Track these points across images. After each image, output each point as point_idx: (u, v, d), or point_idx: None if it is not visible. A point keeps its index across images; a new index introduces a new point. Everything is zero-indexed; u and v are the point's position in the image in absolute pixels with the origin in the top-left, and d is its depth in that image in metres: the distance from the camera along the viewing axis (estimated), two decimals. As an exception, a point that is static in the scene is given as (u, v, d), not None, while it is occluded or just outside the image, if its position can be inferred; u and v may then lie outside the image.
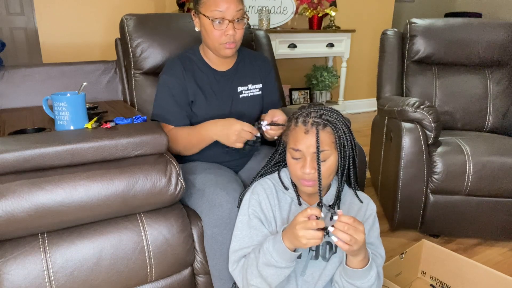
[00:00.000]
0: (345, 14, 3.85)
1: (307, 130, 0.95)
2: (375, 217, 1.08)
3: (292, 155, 0.98)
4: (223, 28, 1.24)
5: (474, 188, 1.68)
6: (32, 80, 1.59)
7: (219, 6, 1.21)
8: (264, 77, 1.45)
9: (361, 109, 4.33)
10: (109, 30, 2.93)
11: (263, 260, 0.92)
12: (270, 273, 0.92)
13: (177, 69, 1.33)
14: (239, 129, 1.15)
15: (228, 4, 1.21)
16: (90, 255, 1.04)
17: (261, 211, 1.03)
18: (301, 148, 0.95)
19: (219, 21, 1.23)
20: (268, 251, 0.91)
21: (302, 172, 0.95)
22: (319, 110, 0.97)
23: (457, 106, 2.12)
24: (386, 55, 2.22)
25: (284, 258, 0.90)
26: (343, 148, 0.98)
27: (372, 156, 2.27)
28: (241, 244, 1.03)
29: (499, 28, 2.14)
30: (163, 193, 1.12)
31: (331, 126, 0.95)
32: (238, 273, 1.03)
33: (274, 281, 0.93)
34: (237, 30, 1.26)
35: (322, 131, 0.95)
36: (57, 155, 1.00)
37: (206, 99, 1.33)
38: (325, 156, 0.95)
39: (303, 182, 0.97)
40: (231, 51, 1.30)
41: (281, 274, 0.92)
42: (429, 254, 1.55)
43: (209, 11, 1.23)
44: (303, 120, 0.96)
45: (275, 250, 0.90)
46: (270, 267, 0.92)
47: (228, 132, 1.17)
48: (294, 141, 0.97)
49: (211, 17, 1.23)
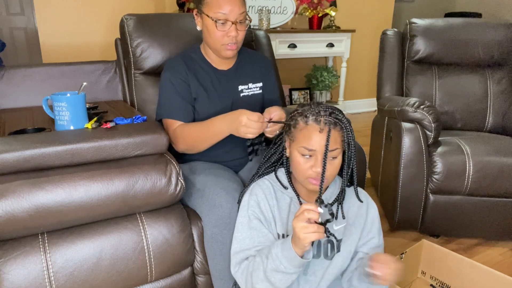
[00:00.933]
0: (345, 14, 3.85)
1: (321, 129, 0.94)
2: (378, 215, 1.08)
3: (302, 153, 0.97)
4: (226, 29, 1.24)
5: (474, 188, 1.68)
6: (32, 80, 1.59)
7: (223, 8, 1.21)
8: (264, 76, 1.46)
9: (361, 109, 4.33)
10: (109, 30, 2.93)
11: (271, 266, 0.92)
12: (278, 278, 0.92)
13: (180, 67, 1.33)
14: (245, 120, 1.11)
15: (232, 7, 1.22)
16: (90, 255, 1.04)
17: (260, 212, 1.03)
18: (315, 147, 0.94)
19: (222, 22, 1.23)
20: (277, 257, 0.91)
21: (313, 171, 0.95)
22: (328, 108, 0.97)
23: (457, 106, 2.11)
24: (386, 55, 2.22)
25: (293, 264, 0.90)
26: (349, 146, 0.99)
27: (372, 156, 2.27)
28: (242, 245, 1.03)
29: (499, 28, 2.14)
30: (163, 193, 1.12)
31: (341, 124, 0.96)
32: (241, 275, 1.02)
33: (281, 286, 0.94)
34: (239, 32, 1.26)
35: (334, 130, 0.94)
36: (57, 155, 1.00)
37: (208, 97, 1.33)
38: (337, 154, 0.96)
39: (312, 181, 0.96)
40: (232, 53, 1.30)
41: (289, 279, 0.93)
42: (429, 254, 1.55)
43: (212, 12, 1.23)
44: (315, 118, 0.95)
45: (284, 257, 0.90)
46: (279, 273, 0.92)
47: (236, 126, 1.13)
48: (307, 140, 0.95)
49: (214, 18, 1.23)
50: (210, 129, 1.23)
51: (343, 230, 1.04)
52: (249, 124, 1.10)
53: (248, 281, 0.99)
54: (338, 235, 1.03)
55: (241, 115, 1.12)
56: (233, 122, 1.15)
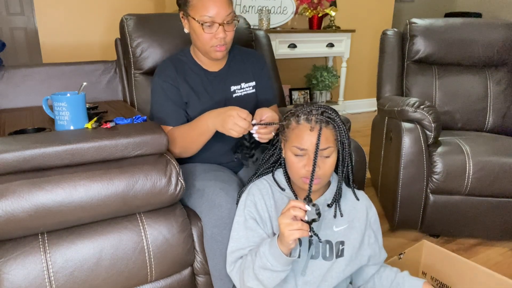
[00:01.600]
0: (345, 14, 3.85)
1: (312, 128, 0.94)
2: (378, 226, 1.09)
3: (295, 153, 0.97)
4: (213, 31, 1.23)
5: (474, 188, 1.68)
6: (32, 80, 1.59)
7: (209, 11, 1.20)
8: (257, 73, 1.44)
9: (361, 109, 4.33)
10: (109, 30, 2.93)
11: (259, 263, 0.92)
12: (266, 276, 0.92)
13: (170, 71, 1.32)
14: (235, 114, 1.09)
15: (218, 9, 1.20)
16: (90, 255, 1.04)
17: (256, 212, 1.03)
18: (306, 146, 0.95)
19: (209, 24, 1.22)
20: (264, 254, 0.91)
21: (306, 170, 0.95)
22: (320, 107, 0.97)
23: (457, 106, 2.11)
24: (386, 55, 2.22)
25: (280, 262, 0.90)
26: (343, 146, 0.99)
27: (372, 156, 2.27)
28: (238, 245, 1.03)
29: (499, 28, 2.14)
30: (163, 193, 1.12)
31: (333, 123, 0.96)
32: (235, 274, 1.03)
33: (270, 284, 0.93)
34: (227, 33, 1.25)
35: (325, 129, 0.95)
36: (57, 155, 1.00)
37: (199, 100, 1.33)
38: (329, 152, 0.96)
39: (305, 180, 0.97)
40: (222, 54, 1.29)
41: (277, 277, 0.92)
42: (430, 255, 1.54)
43: (198, 15, 1.21)
44: (306, 117, 0.96)
45: (271, 254, 0.90)
46: (266, 271, 0.92)
47: (223, 117, 1.12)
48: (298, 139, 0.96)
49: (200, 21, 1.21)
50: (196, 127, 1.23)
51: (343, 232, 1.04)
52: (237, 119, 1.08)
53: (241, 280, 1.00)
54: (339, 237, 1.03)
55: (230, 109, 1.12)
56: (220, 115, 1.13)
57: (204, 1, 1.20)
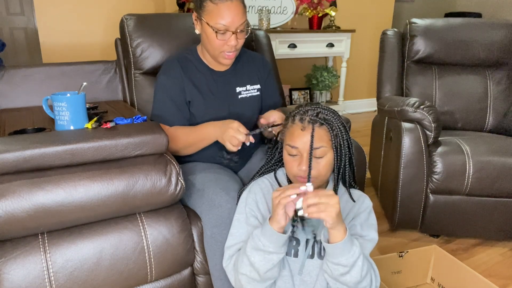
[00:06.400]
0: (345, 14, 3.85)
1: (303, 127, 0.96)
2: (370, 212, 1.06)
3: (288, 152, 0.99)
4: (226, 38, 1.24)
5: (474, 188, 1.68)
6: (32, 80, 1.59)
7: (224, 19, 1.20)
8: (263, 78, 1.45)
9: (361, 109, 4.33)
10: (109, 30, 2.93)
11: (251, 244, 0.94)
12: (258, 258, 0.93)
13: (175, 70, 1.33)
14: (236, 126, 1.16)
15: (233, 18, 1.21)
16: (90, 255, 1.04)
17: (257, 210, 1.04)
18: (298, 145, 0.96)
19: (223, 32, 1.23)
20: (256, 236, 0.93)
21: (299, 169, 0.96)
22: (316, 108, 0.98)
23: (457, 106, 2.11)
24: (386, 55, 2.22)
25: (271, 241, 0.91)
26: (339, 147, 0.99)
27: (372, 156, 2.27)
28: (236, 239, 1.04)
29: (499, 28, 2.14)
30: (163, 193, 1.12)
31: (327, 124, 0.97)
32: (231, 269, 1.03)
33: (262, 267, 0.93)
34: (239, 40, 1.26)
35: (319, 129, 0.96)
36: (57, 155, 1.00)
37: (204, 100, 1.33)
38: (322, 152, 0.96)
39: (299, 179, 0.98)
40: (231, 61, 1.31)
41: (269, 260, 0.93)
42: (440, 262, 1.53)
43: (213, 22, 1.21)
44: (300, 118, 0.97)
45: (263, 234, 0.92)
46: (258, 252, 0.93)
47: (226, 128, 1.17)
48: (291, 138, 0.98)
49: (215, 29, 1.22)
50: (200, 131, 1.27)
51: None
52: (237, 132, 1.15)
53: (235, 271, 1.00)
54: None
55: (234, 121, 1.18)
56: (224, 125, 1.19)
57: (221, 9, 1.20)
